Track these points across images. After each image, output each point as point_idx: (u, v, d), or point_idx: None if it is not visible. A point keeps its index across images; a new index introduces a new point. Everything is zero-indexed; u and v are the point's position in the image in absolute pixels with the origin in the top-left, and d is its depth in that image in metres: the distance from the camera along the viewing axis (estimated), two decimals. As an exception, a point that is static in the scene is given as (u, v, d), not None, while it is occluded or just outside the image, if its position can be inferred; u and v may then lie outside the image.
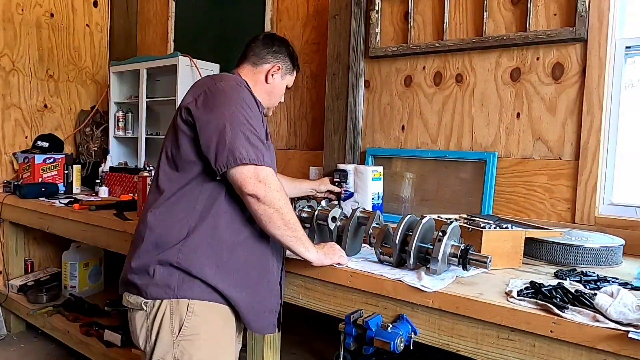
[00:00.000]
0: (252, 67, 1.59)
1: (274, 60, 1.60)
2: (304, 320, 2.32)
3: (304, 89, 2.80)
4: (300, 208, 1.69)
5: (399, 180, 2.32)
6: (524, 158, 2.00)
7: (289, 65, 1.64)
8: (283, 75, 1.63)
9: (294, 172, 2.80)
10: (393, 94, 2.38)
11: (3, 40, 3.16)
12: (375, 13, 2.38)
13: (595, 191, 1.82)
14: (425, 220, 1.39)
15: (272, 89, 1.61)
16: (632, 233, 1.72)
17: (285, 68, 1.63)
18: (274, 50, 1.60)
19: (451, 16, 2.18)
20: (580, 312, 1.08)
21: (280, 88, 1.64)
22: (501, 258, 1.45)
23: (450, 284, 1.29)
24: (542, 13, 1.94)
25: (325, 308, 1.51)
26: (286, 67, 1.63)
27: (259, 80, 1.58)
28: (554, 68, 1.93)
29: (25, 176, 3.02)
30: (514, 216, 1.96)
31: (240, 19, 3.10)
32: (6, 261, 3.18)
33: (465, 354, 1.23)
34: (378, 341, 1.27)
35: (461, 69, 2.17)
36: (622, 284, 1.27)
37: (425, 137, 2.28)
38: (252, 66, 1.59)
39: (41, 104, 3.39)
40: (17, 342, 3.02)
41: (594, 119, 1.82)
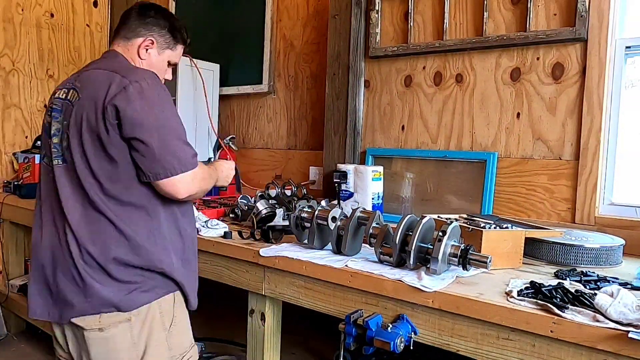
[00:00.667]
0: (124, 42, 1.47)
1: (146, 34, 1.47)
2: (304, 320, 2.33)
3: (304, 89, 2.80)
4: (300, 208, 1.69)
5: (399, 180, 2.32)
6: (524, 158, 2.00)
7: (167, 39, 1.50)
8: (160, 51, 1.50)
9: (294, 172, 2.80)
10: (393, 94, 2.38)
11: (3, 40, 3.16)
12: (375, 13, 2.38)
13: (595, 191, 1.82)
14: (425, 220, 1.39)
15: (151, 64, 1.49)
16: (632, 233, 1.72)
17: (163, 42, 1.50)
18: (146, 22, 1.47)
19: (451, 16, 2.18)
20: (580, 312, 1.08)
21: (159, 64, 1.51)
22: (501, 258, 1.45)
23: (450, 284, 1.29)
24: (542, 13, 1.94)
25: (325, 308, 1.51)
26: (164, 41, 1.50)
27: (133, 55, 1.47)
28: (554, 68, 1.93)
29: (25, 176, 3.02)
30: (514, 216, 1.96)
31: (240, 19, 3.10)
32: (6, 261, 3.18)
33: (465, 354, 1.23)
34: (378, 341, 1.26)
35: (461, 69, 2.17)
36: (622, 284, 1.27)
37: (425, 137, 2.28)
38: (124, 40, 1.47)
39: (41, 104, 3.39)
40: (17, 342, 3.02)
41: (594, 119, 1.82)
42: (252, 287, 1.69)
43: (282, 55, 2.90)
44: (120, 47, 1.47)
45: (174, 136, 1.30)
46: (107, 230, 1.30)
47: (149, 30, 1.47)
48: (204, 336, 2.44)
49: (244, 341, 1.80)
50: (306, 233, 1.68)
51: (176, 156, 1.28)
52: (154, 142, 1.26)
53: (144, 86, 1.29)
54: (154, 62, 1.49)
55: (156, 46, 1.49)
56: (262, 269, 1.65)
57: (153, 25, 1.47)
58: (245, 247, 1.68)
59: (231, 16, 3.16)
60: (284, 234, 1.79)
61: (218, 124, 3.10)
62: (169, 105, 1.34)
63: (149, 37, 1.47)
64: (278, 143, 2.93)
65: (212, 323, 2.68)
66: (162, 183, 1.28)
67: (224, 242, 1.75)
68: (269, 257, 1.60)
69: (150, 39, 1.47)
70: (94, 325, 1.30)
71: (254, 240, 1.78)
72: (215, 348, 2.45)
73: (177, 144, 1.30)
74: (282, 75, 2.90)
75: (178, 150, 1.30)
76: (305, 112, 2.80)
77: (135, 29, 1.46)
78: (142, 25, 1.46)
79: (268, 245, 1.69)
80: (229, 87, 3.09)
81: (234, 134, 3.08)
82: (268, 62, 2.93)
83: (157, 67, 1.50)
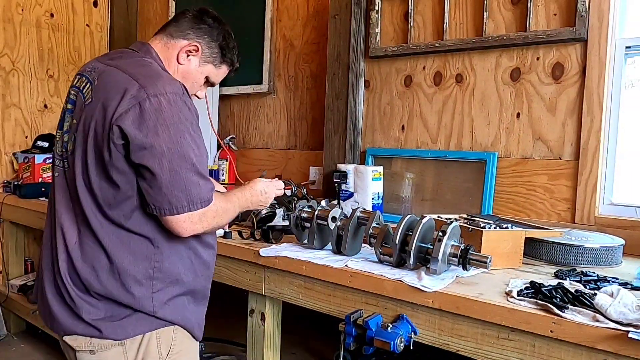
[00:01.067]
0: (166, 39, 1.30)
1: (194, 39, 1.30)
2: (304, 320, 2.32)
3: (304, 89, 2.80)
4: (300, 208, 1.69)
5: (399, 180, 2.32)
6: (524, 158, 2.00)
7: (215, 53, 1.34)
8: (202, 62, 1.34)
9: (294, 172, 2.80)
10: (393, 94, 2.38)
11: (3, 40, 3.16)
12: (375, 13, 2.38)
13: (595, 191, 1.82)
14: (425, 220, 1.39)
15: (187, 73, 1.33)
16: (632, 233, 1.72)
17: (209, 54, 1.33)
18: (200, 27, 1.31)
19: (451, 16, 2.18)
20: (580, 312, 1.08)
21: (196, 75, 1.35)
22: (501, 258, 1.45)
23: (450, 284, 1.29)
24: (542, 13, 1.94)
25: (325, 308, 1.51)
26: (210, 54, 1.34)
27: (171, 57, 1.30)
28: (554, 68, 1.93)
29: (25, 176, 3.02)
30: (514, 216, 1.96)
31: (240, 19, 3.09)
32: (6, 261, 3.18)
33: (465, 354, 1.23)
34: (378, 341, 1.27)
35: (461, 69, 2.17)
36: (622, 284, 1.27)
37: (425, 137, 2.28)
38: (168, 37, 1.30)
39: (41, 104, 3.39)
40: (17, 342, 3.02)
41: (594, 119, 1.82)
42: (252, 287, 1.69)
43: (282, 55, 2.90)
44: (160, 44, 1.31)
45: (188, 167, 1.13)
46: (100, 259, 1.18)
47: (198, 36, 1.31)
48: (203, 336, 2.43)
49: (243, 341, 1.80)
50: (306, 233, 1.68)
51: (186, 191, 1.12)
52: (163, 172, 1.10)
53: (163, 103, 1.11)
54: (191, 71, 1.33)
55: (200, 55, 1.33)
56: (262, 269, 1.65)
57: (205, 34, 1.32)
58: (245, 247, 1.68)
59: (231, 16, 3.16)
60: (284, 234, 1.79)
61: (218, 124, 3.10)
62: (191, 129, 1.16)
63: (195, 42, 1.31)
64: (278, 143, 2.93)
65: (212, 323, 2.68)
66: (166, 219, 1.14)
67: (224, 242, 1.75)
68: (269, 257, 1.60)
69: (195, 44, 1.31)
70: (85, 346, 1.19)
71: (254, 240, 1.78)
72: (215, 348, 2.45)
73: (189, 177, 1.13)
74: (282, 75, 2.90)
75: (189, 184, 1.13)
76: (305, 112, 2.80)
77: (184, 30, 1.30)
78: (194, 29, 1.31)
79: (268, 245, 1.69)
80: (229, 87, 3.09)
81: (234, 134, 3.08)
82: (268, 62, 2.93)
83: (192, 78, 1.35)
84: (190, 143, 1.14)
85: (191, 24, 1.31)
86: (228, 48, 1.37)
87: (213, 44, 1.33)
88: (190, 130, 1.15)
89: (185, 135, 1.14)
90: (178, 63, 1.31)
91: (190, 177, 1.13)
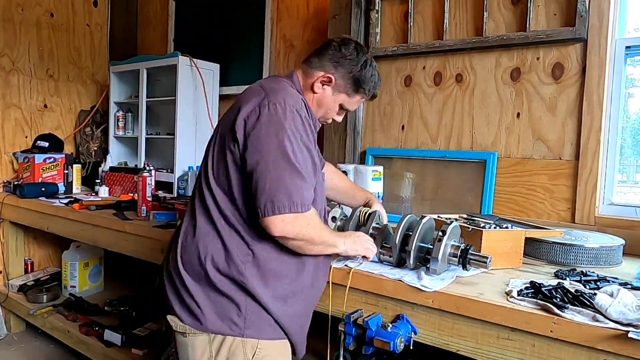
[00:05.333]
0: (307, 69, 1.41)
1: (329, 70, 1.39)
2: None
3: (304, 88, 2.79)
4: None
5: (399, 180, 2.32)
6: (524, 158, 2.00)
7: (348, 84, 1.40)
8: (336, 92, 1.41)
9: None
10: (393, 94, 2.38)
11: (3, 40, 3.16)
12: (375, 13, 2.38)
13: (595, 191, 1.82)
14: (425, 220, 1.39)
15: (321, 101, 1.42)
16: (632, 233, 1.72)
17: (342, 84, 1.40)
18: (338, 60, 1.39)
19: (451, 16, 2.18)
20: (580, 312, 1.08)
21: (329, 103, 1.43)
22: (501, 258, 1.45)
23: (450, 283, 1.29)
24: (542, 13, 1.94)
25: (325, 308, 1.51)
26: (343, 84, 1.40)
27: (308, 85, 1.40)
28: (554, 68, 1.93)
29: (25, 176, 3.02)
30: (514, 216, 1.96)
31: (240, 18, 3.10)
32: (6, 261, 3.18)
33: (465, 353, 1.23)
34: (378, 341, 1.27)
35: (461, 69, 2.17)
36: (622, 284, 1.27)
37: (425, 137, 2.28)
38: (308, 67, 1.41)
39: (41, 104, 3.39)
40: (17, 342, 3.02)
41: (594, 119, 1.82)
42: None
43: (282, 55, 2.90)
44: (302, 72, 1.43)
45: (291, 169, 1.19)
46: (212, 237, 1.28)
47: (334, 68, 1.38)
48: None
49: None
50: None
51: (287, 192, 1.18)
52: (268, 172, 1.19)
53: (278, 110, 1.22)
54: (325, 99, 1.41)
55: (333, 85, 1.40)
56: (262, 268, 1.64)
57: (342, 66, 1.39)
58: (245, 247, 1.68)
59: (231, 16, 3.16)
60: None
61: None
62: (299, 138, 1.23)
63: (329, 73, 1.38)
64: (278, 143, 2.92)
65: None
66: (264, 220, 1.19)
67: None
68: (269, 257, 1.60)
69: (329, 76, 1.38)
70: (179, 327, 1.29)
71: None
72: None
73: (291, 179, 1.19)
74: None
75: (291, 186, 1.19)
76: (305, 112, 2.79)
77: (322, 61, 1.39)
78: (333, 60, 1.38)
79: (268, 245, 1.69)
80: (229, 87, 3.09)
81: (234, 134, 3.08)
82: (268, 62, 2.93)
83: (326, 106, 1.43)
84: (296, 149, 1.21)
85: (331, 55, 1.39)
86: (363, 81, 1.42)
87: (348, 76, 1.40)
88: (299, 138, 1.23)
89: (292, 140, 1.21)
90: (313, 92, 1.40)
91: (296, 179, 1.20)
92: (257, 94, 1.28)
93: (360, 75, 1.41)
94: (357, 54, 1.41)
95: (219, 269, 1.25)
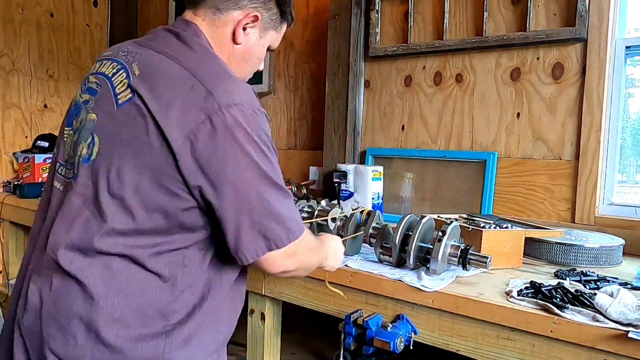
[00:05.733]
0: (211, 14, 1.00)
1: (249, 5, 1.00)
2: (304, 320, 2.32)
3: (304, 89, 2.80)
4: (300, 208, 1.69)
5: (399, 180, 2.32)
6: (524, 158, 2.00)
7: (274, 14, 1.05)
8: (263, 32, 1.05)
9: (294, 171, 2.80)
10: (393, 94, 2.38)
11: (3, 40, 3.15)
12: (375, 13, 2.38)
13: (595, 191, 1.82)
14: (425, 220, 1.39)
15: (248, 52, 1.05)
16: (632, 233, 1.72)
17: (268, 19, 1.04)
18: None
19: (451, 16, 2.18)
20: (580, 312, 1.08)
21: (258, 51, 1.07)
22: (501, 258, 1.45)
23: (450, 283, 1.29)
24: (542, 13, 1.94)
25: (325, 308, 1.51)
26: (269, 17, 1.04)
27: (223, 38, 1.01)
28: (554, 68, 1.93)
29: (25, 176, 3.02)
30: (514, 216, 1.96)
31: (240, 18, 3.10)
32: (6, 261, 3.18)
33: (465, 353, 1.23)
34: (378, 341, 1.26)
35: (461, 69, 2.17)
36: (622, 284, 1.27)
37: (425, 137, 2.28)
38: (212, 12, 1.00)
39: (41, 104, 3.39)
40: (17, 342, 3.02)
41: (594, 119, 1.82)
42: (252, 286, 1.69)
43: (282, 55, 2.90)
44: (205, 23, 1.01)
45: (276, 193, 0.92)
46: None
47: (252, 1, 1.00)
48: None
49: (243, 341, 1.80)
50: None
51: (280, 220, 0.92)
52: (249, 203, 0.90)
53: (237, 116, 0.87)
54: (251, 48, 1.05)
55: (259, 24, 1.03)
56: (262, 268, 1.65)
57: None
58: (245, 247, 1.68)
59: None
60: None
61: (218, 123, 3.10)
62: (270, 145, 0.94)
63: (252, 10, 1.01)
64: (278, 143, 2.92)
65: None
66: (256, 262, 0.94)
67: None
68: (269, 257, 1.60)
69: (255, 13, 1.01)
70: None
71: (254, 240, 1.78)
72: (215, 348, 2.44)
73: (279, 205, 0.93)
74: (282, 75, 2.90)
75: (281, 210, 0.93)
76: (305, 112, 2.80)
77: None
78: None
79: (268, 245, 1.69)
80: (229, 87, 3.09)
81: (234, 134, 3.08)
82: (268, 62, 2.93)
83: (253, 55, 1.07)
84: (274, 162, 0.94)
85: None
86: (285, 0, 1.06)
87: (270, 4, 1.04)
88: (270, 147, 0.94)
89: (267, 154, 0.92)
90: (235, 43, 1.02)
91: (285, 199, 0.94)
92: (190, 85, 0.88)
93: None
94: None
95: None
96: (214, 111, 0.86)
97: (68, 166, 1.00)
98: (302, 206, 1.70)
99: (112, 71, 0.97)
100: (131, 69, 0.93)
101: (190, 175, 0.87)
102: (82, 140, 0.96)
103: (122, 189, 0.89)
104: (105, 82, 0.96)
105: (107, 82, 0.96)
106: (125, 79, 0.93)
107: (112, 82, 0.95)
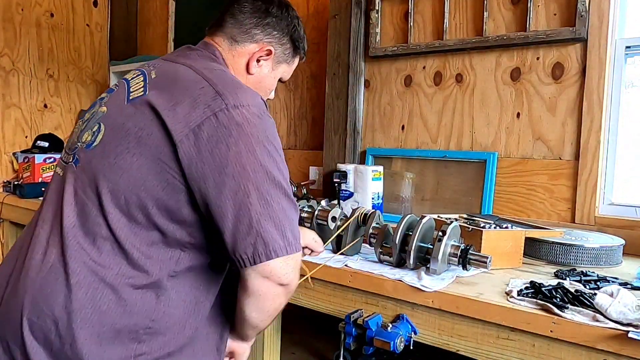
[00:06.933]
0: (229, 44, 1.06)
1: (264, 39, 1.07)
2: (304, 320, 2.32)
3: (304, 89, 2.80)
4: (300, 208, 1.68)
5: (399, 180, 2.32)
6: (524, 158, 2.00)
7: (287, 49, 1.11)
8: (275, 65, 1.11)
9: (294, 171, 2.80)
10: (393, 94, 2.38)
11: (3, 40, 3.16)
12: (375, 13, 2.38)
13: (595, 191, 1.82)
14: (425, 220, 1.39)
15: (260, 82, 1.11)
16: (632, 233, 1.72)
17: (281, 53, 1.10)
18: (267, 22, 1.07)
19: (451, 16, 2.18)
20: (580, 312, 1.08)
21: (269, 83, 1.13)
22: (501, 258, 1.45)
23: (450, 283, 1.29)
24: (542, 13, 1.94)
25: (325, 308, 1.51)
26: (282, 52, 1.11)
27: (238, 67, 1.07)
28: (554, 68, 1.93)
29: (25, 176, 3.02)
30: (514, 216, 1.96)
31: (240, 18, 3.09)
32: (6, 261, 3.18)
33: (465, 353, 1.23)
34: (378, 341, 1.26)
35: (461, 69, 2.17)
36: (622, 284, 1.27)
37: (425, 137, 2.28)
38: (230, 42, 1.06)
39: (41, 104, 3.39)
40: (17, 342, 3.02)
41: (594, 119, 1.82)
42: (252, 287, 1.69)
43: (282, 55, 2.90)
44: (223, 49, 1.07)
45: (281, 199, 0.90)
46: None
47: (268, 35, 1.07)
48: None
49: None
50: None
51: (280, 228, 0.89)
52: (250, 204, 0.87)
53: (245, 115, 0.89)
54: (263, 79, 1.10)
55: (272, 58, 1.09)
56: (262, 268, 1.64)
57: (274, 29, 1.08)
58: (245, 247, 1.68)
59: (231, 16, 3.16)
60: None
61: (218, 123, 3.10)
62: (279, 149, 0.94)
63: (267, 45, 1.07)
64: (278, 143, 2.92)
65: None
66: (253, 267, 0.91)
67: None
68: (269, 257, 1.60)
69: (268, 48, 1.07)
70: None
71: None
72: (215, 348, 2.44)
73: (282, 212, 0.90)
74: (282, 75, 2.90)
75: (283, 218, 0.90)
76: (305, 111, 2.80)
77: (249, 30, 1.06)
78: (260, 25, 1.06)
79: (268, 245, 1.69)
80: (229, 87, 3.09)
81: (234, 134, 3.08)
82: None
83: (265, 87, 1.12)
84: (282, 167, 0.93)
85: (256, 20, 1.06)
86: (300, 37, 1.12)
87: (285, 40, 1.10)
88: (279, 150, 0.93)
89: (274, 156, 0.91)
90: (248, 74, 1.07)
91: (288, 207, 0.91)
92: (200, 86, 0.91)
93: (296, 33, 1.12)
94: (284, 9, 1.11)
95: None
96: (220, 109, 0.88)
97: (69, 152, 1.02)
98: (302, 206, 1.70)
99: (132, 76, 1.03)
100: (149, 73, 0.99)
101: (190, 165, 0.87)
102: (89, 128, 1.00)
103: (117, 174, 0.90)
104: (123, 83, 1.02)
105: (125, 83, 1.01)
106: (142, 81, 0.98)
107: (129, 83, 1.00)
